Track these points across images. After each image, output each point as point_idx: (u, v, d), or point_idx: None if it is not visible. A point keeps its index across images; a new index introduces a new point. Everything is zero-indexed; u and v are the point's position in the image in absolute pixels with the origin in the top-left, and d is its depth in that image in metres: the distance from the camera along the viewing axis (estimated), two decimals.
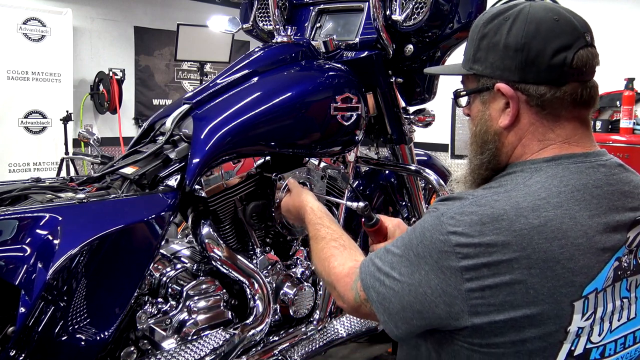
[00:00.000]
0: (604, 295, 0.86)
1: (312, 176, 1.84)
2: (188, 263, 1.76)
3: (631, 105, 4.42)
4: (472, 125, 1.01)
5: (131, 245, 1.42)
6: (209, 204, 1.66)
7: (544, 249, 0.81)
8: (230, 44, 5.36)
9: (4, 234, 1.28)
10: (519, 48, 0.89)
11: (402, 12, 1.90)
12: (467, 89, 1.01)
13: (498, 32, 0.92)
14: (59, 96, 5.33)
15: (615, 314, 0.88)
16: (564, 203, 0.85)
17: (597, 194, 0.87)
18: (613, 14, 4.92)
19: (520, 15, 0.91)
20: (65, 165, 4.38)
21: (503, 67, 0.92)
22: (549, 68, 0.88)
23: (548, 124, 0.92)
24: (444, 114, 5.58)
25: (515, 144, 0.94)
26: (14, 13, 5.08)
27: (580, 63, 0.88)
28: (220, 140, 1.56)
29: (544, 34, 0.88)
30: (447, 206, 0.90)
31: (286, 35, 1.90)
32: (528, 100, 0.91)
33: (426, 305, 0.87)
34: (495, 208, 0.85)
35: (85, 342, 1.32)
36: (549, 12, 0.90)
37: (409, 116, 2.15)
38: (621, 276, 0.87)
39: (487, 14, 0.96)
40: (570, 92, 0.90)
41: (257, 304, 1.70)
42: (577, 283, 0.82)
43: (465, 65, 0.99)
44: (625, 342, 0.91)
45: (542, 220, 0.83)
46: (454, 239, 0.84)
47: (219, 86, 1.70)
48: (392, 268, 0.93)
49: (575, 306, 0.83)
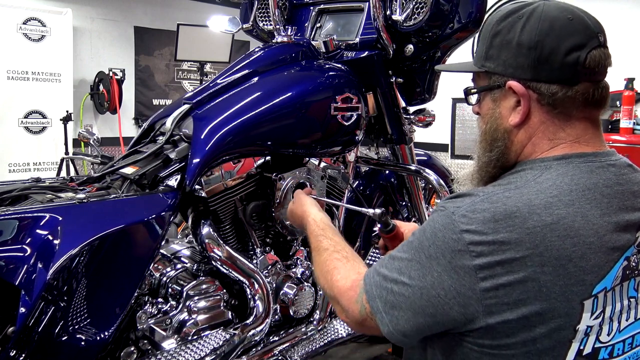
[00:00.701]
0: (613, 295, 0.86)
1: (312, 176, 1.84)
2: (188, 263, 1.76)
3: (631, 105, 4.42)
4: (482, 123, 1.01)
5: (131, 245, 1.42)
6: (209, 204, 1.66)
7: (557, 247, 0.81)
8: (230, 44, 5.36)
9: (4, 234, 1.28)
10: (532, 46, 0.89)
11: (402, 12, 1.90)
12: (478, 87, 1.01)
13: (512, 29, 0.92)
14: (59, 96, 5.32)
15: (624, 313, 0.88)
16: (575, 201, 0.85)
17: (608, 193, 0.87)
18: (613, 14, 4.91)
19: (534, 14, 0.91)
20: (65, 165, 4.38)
21: (515, 65, 0.91)
22: (562, 67, 0.88)
23: (559, 123, 0.92)
24: (444, 114, 5.58)
25: (525, 142, 0.94)
26: (14, 13, 5.08)
27: (593, 63, 0.88)
28: (220, 140, 1.56)
29: (558, 33, 0.88)
30: (457, 204, 0.89)
31: (286, 35, 1.90)
32: (539, 98, 0.91)
33: (439, 308, 0.85)
34: (508, 205, 0.84)
35: (85, 342, 1.32)
36: (563, 11, 0.90)
37: (409, 116, 2.15)
38: (629, 275, 0.88)
39: (500, 12, 0.96)
40: (582, 91, 0.90)
41: (257, 304, 1.70)
42: (588, 282, 0.82)
43: (477, 62, 0.99)
44: (633, 342, 0.91)
45: (555, 218, 0.83)
46: (468, 237, 0.84)
47: (219, 86, 1.70)
48: (401, 273, 0.90)
49: (585, 305, 0.83)
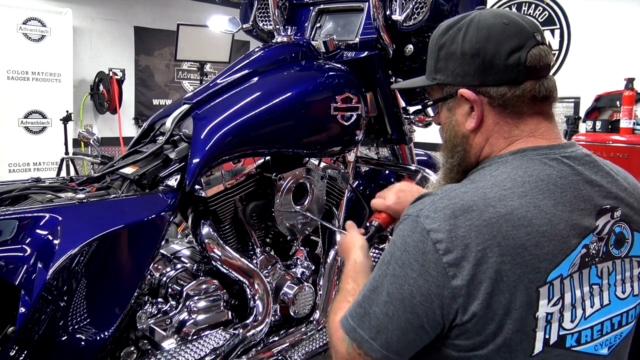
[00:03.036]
0: (571, 281, 0.88)
1: (312, 176, 1.84)
2: (188, 263, 1.76)
3: (631, 105, 4.41)
4: (443, 132, 1.05)
5: (131, 245, 1.42)
6: (209, 204, 1.66)
7: (512, 236, 0.84)
8: (230, 44, 5.37)
9: (4, 234, 1.28)
10: (475, 53, 0.94)
11: (402, 12, 1.90)
12: (433, 99, 1.06)
13: (454, 41, 0.97)
14: (59, 96, 5.33)
15: (587, 300, 0.90)
16: (528, 192, 0.88)
17: (562, 183, 0.90)
18: (613, 14, 4.92)
19: (472, 24, 0.96)
20: (65, 165, 4.39)
21: (463, 74, 0.96)
22: (506, 69, 0.93)
23: (512, 121, 0.96)
24: None
25: (483, 144, 0.98)
26: (14, 13, 5.09)
27: (534, 61, 0.93)
28: (220, 140, 1.56)
29: (496, 38, 0.93)
30: (419, 207, 0.91)
31: (286, 35, 1.90)
32: (490, 101, 0.96)
33: (423, 316, 0.86)
34: (465, 200, 0.88)
35: (85, 342, 1.33)
36: (498, 17, 0.96)
37: (409, 116, 2.15)
38: (589, 263, 0.90)
39: (441, 26, 1.02)
40: (529, 89, 0.94)
41: (257, 304, 1.70)
42: (542, 269, 0.85)
43: (429, 76, 1.04)
44: (602, 328, 0.93)
45: (509, 209, 0.86)
46: (433, 235, 0.86)
47: (219, 86, 1.70)
48: (378, 293, 0.90)
49: (541, 292, 0.85)
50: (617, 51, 4.54)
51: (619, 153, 4.15)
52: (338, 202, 2.01)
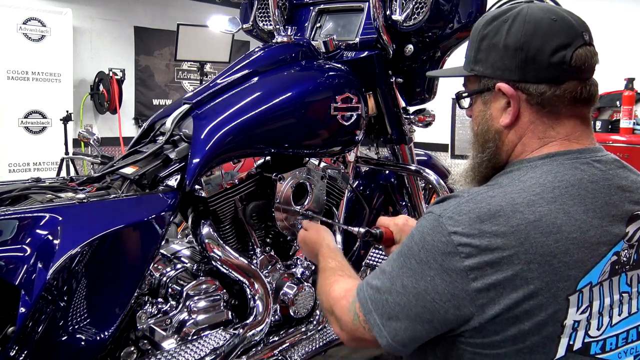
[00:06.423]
0: (600, 289, 0.86)
1: (312, 176, 1.84)
2: (188, 263, 1.76)
3: (631, 105, 4.42)
4: (474, 125, 1.02)
5: (131, 245, 1.43)
6: (209, 204, 1.66)
7: (541, 244, 0.82)
8: (230, 44, 5.36)
9: (4, 234, 1.27)
10: (519, 47, 0.90)
11: (402, 12, 1.90)
12: (469, 90, 1.02)
13: (498, 33, 0.93)
14: (59, 96, 5.33)
15: (615, 308, 0.89)
16: (558, 198, 0.86)
17: (593, 188, 0.88)
18: (613, 14, 4.91)
19: (518, 16, 0.92)
20: (65, 165, 4.38)
21: (503, 67, 0.93)
22: (549, 66, 0.90)
23: (548, 121, 0.93)
24: (444, 114, 5.57)
25: (516, 142, 0.95)
26: (14, 13, 5.08)
27: (579, 61, 0.90)
28: (220, 140, 1.56)
29: (543, 33, 0.90)
30: (443, 207, 0.90)
31: (286, 35, 1.90)
32: (528, 99, 0.92)
33: (435, 313, 0.86)
34: (492, 204, 0.86)
35: (85, 342, 1.32)
36: (546, 12, 0.92)
37: (409, 116, 2.15)
38: (619, 270, 0.88)
39: (486, 16, 0.98)
40: (570, 90, 0.91)
41: (257, 304, 1.70)
42: (572, 277, 0.83)
43: (467, 67, 1.00)
44: (627, 336, 0.91)
45: (538, 215, 0.84)
46: (456, 239, 0.84)
47: (219, 86, 1.70)
48: (393, 283, 0.91)
49: (571, 300, 0.84)
50: (617, 51, 4.53)
51: (619, 153, 4.13)
52: (338, 202, 2.00)
